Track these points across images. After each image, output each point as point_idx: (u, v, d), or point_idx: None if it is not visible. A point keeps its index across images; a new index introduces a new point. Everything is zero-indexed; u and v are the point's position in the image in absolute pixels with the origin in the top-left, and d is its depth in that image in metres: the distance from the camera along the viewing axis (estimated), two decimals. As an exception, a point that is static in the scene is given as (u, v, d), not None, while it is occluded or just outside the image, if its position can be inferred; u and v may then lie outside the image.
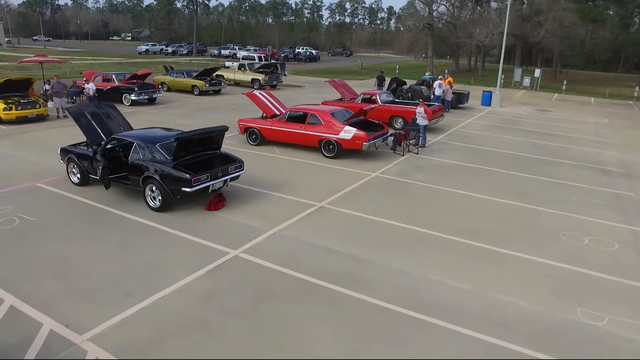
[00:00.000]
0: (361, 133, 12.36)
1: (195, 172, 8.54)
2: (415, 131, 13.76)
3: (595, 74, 68.55)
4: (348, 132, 12.47)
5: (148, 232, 7.93)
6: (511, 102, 29.06)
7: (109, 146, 9.51)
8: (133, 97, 21.24)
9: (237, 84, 30.72)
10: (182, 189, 8.28)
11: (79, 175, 10.04)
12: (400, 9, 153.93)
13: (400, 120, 17.17)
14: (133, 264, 6.82)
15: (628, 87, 48.63)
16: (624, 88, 46.43)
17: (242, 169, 9.50)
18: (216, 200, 8.96)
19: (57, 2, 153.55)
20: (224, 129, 9.28)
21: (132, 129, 10.53)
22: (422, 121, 14.49)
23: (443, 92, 21.97)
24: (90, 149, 9.79)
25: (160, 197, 8.61)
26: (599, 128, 20.99)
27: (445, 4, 53.39)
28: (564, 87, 36.98)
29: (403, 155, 13.61)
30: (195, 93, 25.83)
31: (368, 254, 7.40)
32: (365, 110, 13.06)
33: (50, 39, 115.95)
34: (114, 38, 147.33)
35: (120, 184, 9.35)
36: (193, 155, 9.01)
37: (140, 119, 18.20)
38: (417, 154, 13.91)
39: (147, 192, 8.77)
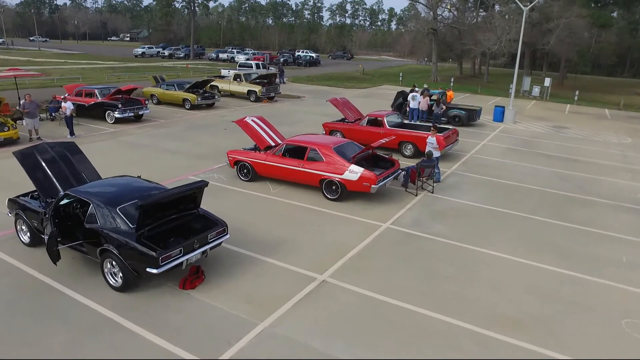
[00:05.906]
0: (369, 174, 10.58)
1: (165, 245, 6.79)
2: (431, 168, 11.99)
3: (601, 79, 66.98)
4: (354, 173, 10.69)
5: (103, 329, 6.16)
6: (523, 115, 27.31)
7: (61, 203, 7.73)
8: (117, 114, 19.43)
9: (233, 95, 28.95)
10: (147, 269, 6.53)
11: (29, 234, 8.28)
12: (402, 10, 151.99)
13: (410, 146, 15.42)
14: (71, 393, 5.09)
15: (638, 94, 47.14)
16: (634, 96, 44.86)
17: (226, 234, 7.72)
18: (192, 277, 7.20)
19: (55, 2, 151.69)
20: (203, 185, 7.50)
21: (99, 177, 8.77)
22: (435, 152, 12.72)
23: (418, 103, 21.18)
24: (42, 204, 8.05)
25: (121, 274, 6.87)
26: (624, 150, 19.27)
27: (448, 7, 51.65)
28: (576, 98, 35.23)
29: (416, 195, 11.87)
30: (186, 107, 24.03)
31: (385, 366, 5.67)
32: (374, 147, 11.30)
33: (47, 39, 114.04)
34: (112, 39, 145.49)
35: (75, 250, 7.59)
36: (164, 219, 7.25)
37: (123, 142, 16.49)
38: (432, 192, 12.16)
39: (107, 266, 7.02)
